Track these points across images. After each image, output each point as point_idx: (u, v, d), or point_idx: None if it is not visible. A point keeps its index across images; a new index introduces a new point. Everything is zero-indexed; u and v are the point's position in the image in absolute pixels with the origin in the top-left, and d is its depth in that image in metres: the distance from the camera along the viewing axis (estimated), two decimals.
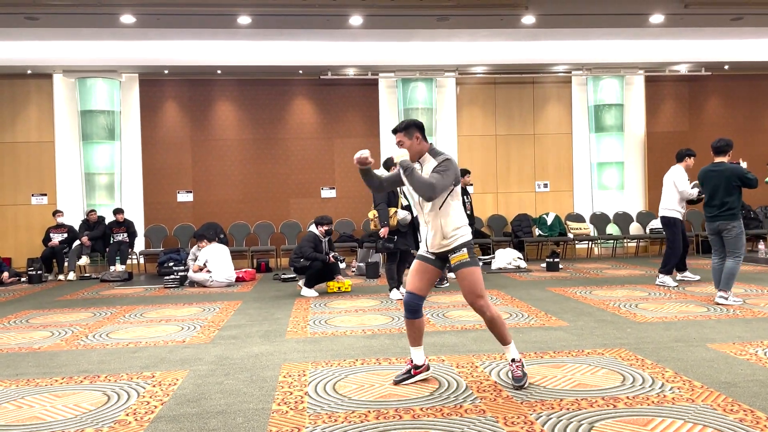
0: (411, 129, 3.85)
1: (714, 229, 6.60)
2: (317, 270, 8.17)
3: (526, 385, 3.84)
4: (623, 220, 12.58)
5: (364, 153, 3.85)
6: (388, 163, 7.27)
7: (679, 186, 7.93)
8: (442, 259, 3.99)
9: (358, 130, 12.56)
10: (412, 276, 3.99)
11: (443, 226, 3.84)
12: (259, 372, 4.39)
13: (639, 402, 3.53)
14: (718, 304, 6.53)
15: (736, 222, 6.44)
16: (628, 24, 10.52)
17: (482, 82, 12.74)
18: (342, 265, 8.60)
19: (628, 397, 3.62)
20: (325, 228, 8.41)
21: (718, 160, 6.64)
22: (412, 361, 4.05)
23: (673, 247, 8.03)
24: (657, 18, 10.19)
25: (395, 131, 3.90)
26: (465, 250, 3.84)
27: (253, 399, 3.77)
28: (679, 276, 8.50)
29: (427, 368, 4.08)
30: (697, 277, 8.45)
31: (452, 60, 11.88)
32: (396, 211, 7.39)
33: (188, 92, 12.25)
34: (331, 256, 8.35)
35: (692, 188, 7.90)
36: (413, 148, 3.86)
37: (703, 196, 6.88)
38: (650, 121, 13.08)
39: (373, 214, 7.51)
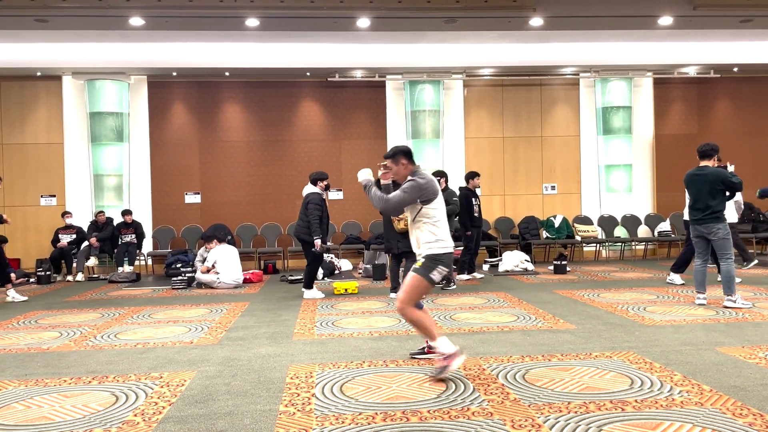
0: (398, 156, 4.40)
1: (699, 232, 6.63)
2: (314, 269, 8.18)
3: (442, 375, 4.10)
4: (631, 222, 12.53)
5: (363, 174, 4.45)
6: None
7: None
8: None
9: (366, 132, 12.58)
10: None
11: (417, 239, 4.31)
12: (266, 373, 4.40)
13: (647, 405, 3.52)
14: (726, 308, 6.51)
15: (721, 224, 6.49)
16: (637, 26, 10.49)
17: (490, 84, 12.73)
18: (340, 263, 8.55)
19: (636, 401, 3.60)
20: (326, 183, 8.31)
21: (703, 164, 6.69)
22: (434, 349, 4.38)
23: (687, 249, 8.14)
24: (666, 20, 10.15)
25: (385, 157, 4.46)
26: (423, 259, 4.24)
27: (261, 400, 3.77)
28: (668, 276, 8.55)
29: (452, 354, 4.24)
30: (681, 282, 8.43)
31: (460, 62, 11.87)
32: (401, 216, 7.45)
33: (196, 94, 12.30)
34: (329, 260, 8.33)
35: None
36: (399, 172, 4.42)
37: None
38: (659, 123, 13.03)
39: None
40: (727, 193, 6.58)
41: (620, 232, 12.56)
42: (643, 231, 12.68)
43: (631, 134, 12.75)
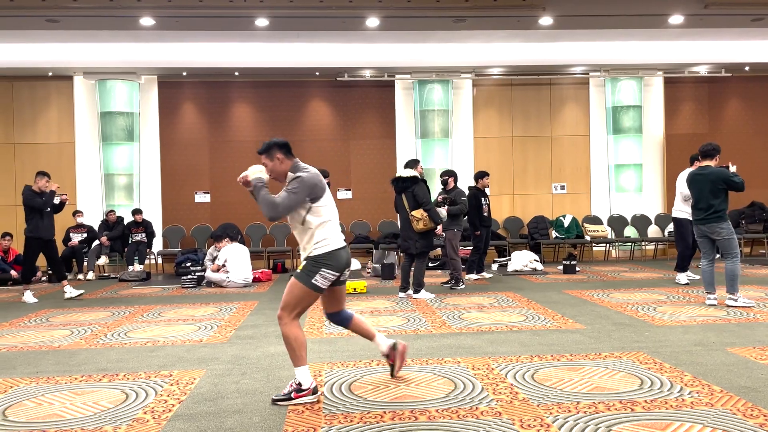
0: (272, 150, 3.86)
1: (703, 232, 6.64)
2: None
3: (281, 404, 3.65)
4: (641, 222, 12.47)
5: (254, 172, 3.79)
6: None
7: (678, 186, 8.26)
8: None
9: (375, 131, 12.58)
10: (322, 299, 3.98)
11: (304, 241, 3.81)
12: (275, 372, 4.41)
13: (657, 406, 3.50)
14: (729, 306, 6.51)
15: (725, 224, 6.50)
16: (647, 25, 10.43)
17: (499, 83, 12.70)
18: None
19: (646, 401, 3.58)
20: (328, 180, 8.30)
21: (704, 163, 6.71)
22: (383, 352, 4.14)
23: (679, 247, 8.37)
24: (676, 19, 10.09)
25: (259, 153, 3.92)
26: (305, 263, 3.78)
27: (270, 399, 3.78)
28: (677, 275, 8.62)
29: (394, 347, 4.10)
30: (686, 281, 8.45)
31: (469, 61, 11.86)
32: (422, 215, 7.44)
33: (206, 94, 12.35)
34: None
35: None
36: (276, 168, 3.86)
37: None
38: (669, 122, 12.96)
39: (420, 213, 7.48)
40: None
41: (630, 232, 12.50)
42: (653, 231, 12.61)
43: (642, 134, 12.68)
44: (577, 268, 10.19)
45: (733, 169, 6.85)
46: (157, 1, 8.88)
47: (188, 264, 10.59)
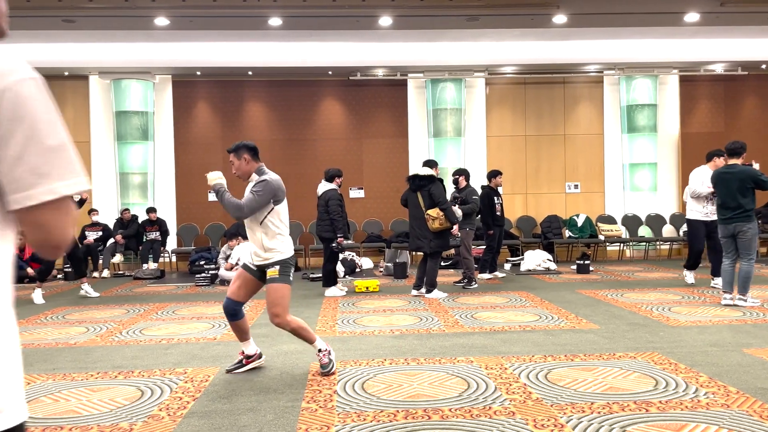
0: (240, 150, 4.21)
1: (729, 232, 6.56)
2: (333, 267, 8.23)
3: (332, 370, 4.24)
4: (656, 222, 12.37)
5: (213, 178, 4.19)
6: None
7: (690, 184, 8.20)
8: (262, 272, 4.25)
9: (387, 130, 12.58)
10: (233, 282, 4.33)
11: (262, 242, 4.16)
12: (288, 370, 4.43)
13: (672, 407, 3.48)
14: (737, 306, 6.52)
15: (752, 224, 6.46)
16: (662, 23, 10.34)
17: (512, 82, 12.66)
18: (361, 261, 8.61)
19: (660, 402, 3.56)
20: (341, 180, 8.37)
21: (731, 162, 6.66)
22: (243, 352, 4.41)
23: (691, 246, 8.33)
24: (692, 16, 10.00)
25: (228, 151, 4.28)
26: (277, 267, 4.14)
27: (283, 396, 3.80)
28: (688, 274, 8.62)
29: (259, 356, 4.46)
30: (691, 282, 8.44)
31: (482, 60, 11.82)
32: (439, 214, 7.43)
33: (220, 93, 12.41)
34: (350, 258, 8.38)
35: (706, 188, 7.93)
36: (241, 168, 4.22)
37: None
38: (685, 121, 12.84)
39: (436, 212, 7.47)
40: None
41: (645, 231, 12.40)
42: (668, 231, 12.51)
43: (656, 132, 12.58)
44: (591, 268, 10.13)
45: (756, 166, 6.81)
46: (171, 1, 8.93)
47: (202, 262, 10.65)
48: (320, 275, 9.63)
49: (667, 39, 11.51)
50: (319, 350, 4.25)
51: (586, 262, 10.01)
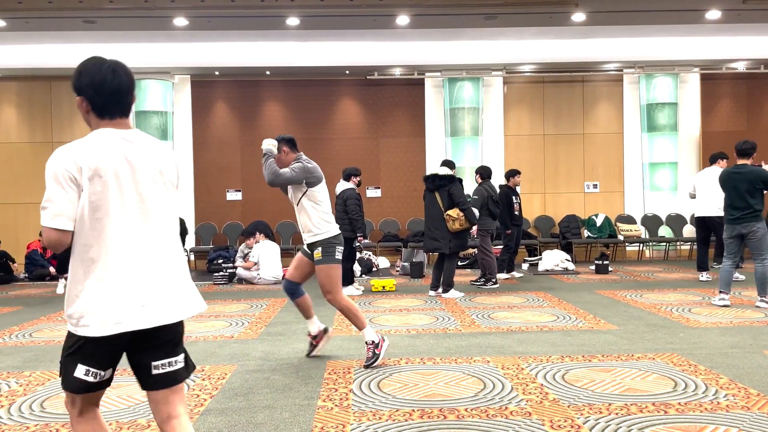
0: (279, 144, 4.67)
1: (737, 232, 6.49)
2: (350, 266, 8.26)
3: (376, 364, 4.38)
4: (676, 222, 12.22)
5: (267, 143, 4.63)
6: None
7: (697, 185, 8.60)
8: (312, 252, 4.60)
9: (404, 129, 12.58)
10: (292, 264, 4.76)
11: (303, 223, 4.58)
12: (304, 368, 4.45)
13: (691, 408, 3.44)
14: (758, 308, 6.44)
15: (761, 223, 6.42)
16: (683, 20, 10.22)
17: (530, 81, 12.58)
18: (378, 261, 8.61)
19: (679, 404, 3.52)
20: (359, 178, 8.40)
21: (741, 162, 6.61)
22: (310, 334, 4.78)
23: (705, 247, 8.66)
24: (714, 14, 9.86)
25: None
26: (320, 248, 4.50)
27: (299, 395, 3.82)
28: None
29: (325, 331, 4.77)
30: (705, 278, 8.61)
31: (500, 59, 11.77)
32: (458, 214, 7.40)
33: (238, 93, 12.49)
34: (366, 257, 8.38)
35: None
36: (281, 159, 4.66)
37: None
38: (706, 120, 12.67)
39: (456, 213, 7.45)
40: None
41: (665, 231, 12.26)
42: (688, 231, 12.35)
43: (677, 131, 12.43)
44: (610, 268, 10.04)
45: (766, 167, 6.80)
46: (190, 2, 9.01)
47: (220, 261, 10.73)
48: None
49: (688, 37, 11.37)
50: (366, 342, 4.44)
51: (605, 262, 9.92)
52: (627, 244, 12.01)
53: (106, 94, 2.14)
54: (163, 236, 2.12)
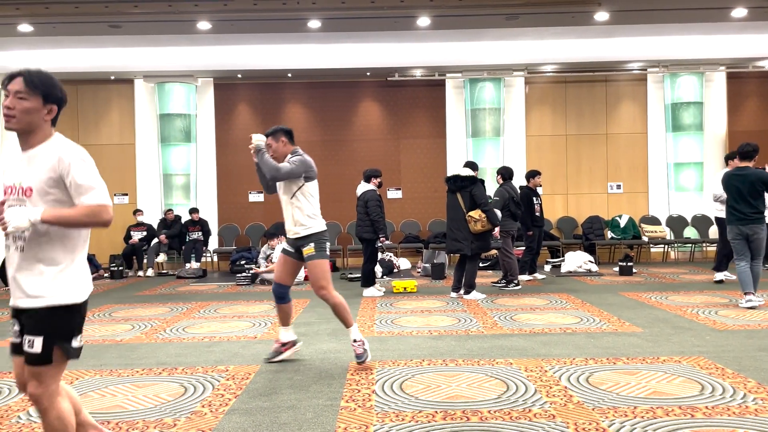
0: (278, 133, 4.57)
1: (743, 233, 6.57)
2: (372, 267, 8.26)
3: (366, 361, 4.41)
4: (702, 223, 12.05)
5: (258, 138, 4.49)
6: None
7: (715, 188, 8.64)
8: (297, 251, 4.53)
9: (425, 131, 12.57)
10: (276, 267, 4.63)
11: (294, 216, 4.47)
12: (327, 369, 4.47)
13: (719, 412, 3.39)
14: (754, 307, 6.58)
15: (764, 226, 6.54)
16: (708, 18, 10.08)
17: (552, 80, 12.50)
18: (399, 262, 8.60)
19: (707, 407, 3.47)
20: (379, 180, 8.39)
21: (743, 164, 6.69)
22: (279, 341, 4.64)
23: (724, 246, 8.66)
24: (739, 12, 9.71)
25: (266, 135, 4.59)
26: (312, 244, 4.43)
27: (322, 395, 3.84)
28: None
29: (294, 344, 4.67)
30: (721, 278, 8.66)
31: (521, 59, 11.71)
32: (481, 216, 7.36)
33: (260, 95, 12.59)
34: (388, 258, 8.38)
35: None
36: (278, 149, 4.55)
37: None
38: (732, 119, 12.48)
39: (478, 214, 7.42)
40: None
41: (690, 232, 12.10)
42: (714, 232, 12.15)
43: (703, 131, 12.25)
44: (634, 270, 9.92)
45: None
46: (213, 6, 9.11)
47: (243, 262, 10.82)
48: (359, 275, 9.68)
49: (714, 35, 11.20)
50: (354, 340, 4.43)
51: (629, 263, 9.81)
52: (651, 245, 11.87)
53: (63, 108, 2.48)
54: None
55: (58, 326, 2.34)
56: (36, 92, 2.34)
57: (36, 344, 2.32)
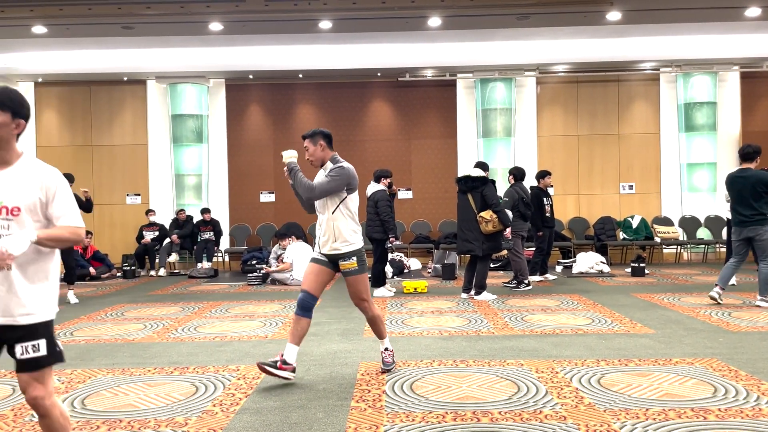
0: (317, 137, 4.23)
1: (744, 235, 6.59)
2: (382, 268, 8.26)
3: (393, 370, 4.36)
4: (715, 224, 11.95)
5: (289, 156, 4.21)
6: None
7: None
8: (333, 262, 4.22)
9: (436, 131, 12.56)
10: (306, 277, 4.21)
11: (335, 231, 4.14)
12: (337, 369, 4.47)
13: (732, 415, 3.36)
14: (759, 307, 6.58)
15: (767, 227, 6.51)
16: (721, 18, 9.99)
17: (564, 80, 12.45)
18: (410, 262, 8.59)
19: (719, 410, 3.44)
20: (389, 180, 8.39)
21: (744, 166, 6.70)
22: (282, 356, 4.12)
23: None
24: (753, 11, 9.62)
25: (304, 137, 4.27)
26: (354, 258, 4.17)
27: (332, 395, 3.84)
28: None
29: (293, 370, 4.13)
30: (732, 282, 8.42)
31: (532, 59, 11.67)
32: (492, 216, 7.34)
33: (271, 96, 12.63)
34: (398, 258, 8.38)
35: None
36: (316, 154, 4.23)
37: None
38: (746, 119, 12.37)
39: (489, 214, 7.40)
40: None
41: (703, 233, 12.00)
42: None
43: (716, 131, 12.16)
44: (646, 271, 9.86)
45: None
46: (225, 7, 9.15)
47: (254, 262, 10.86)
48: (369, 275, 9.69)
49: (727, 34, 11.11)
50: (386, 348, 4.38)
51: (641, 264, 9.75)
52: (664, 246, 11.79)
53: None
54: None
55: (51, 332, 2.48)
56: (5, 109, 2.39)
57: (41, 347, 2.41)
